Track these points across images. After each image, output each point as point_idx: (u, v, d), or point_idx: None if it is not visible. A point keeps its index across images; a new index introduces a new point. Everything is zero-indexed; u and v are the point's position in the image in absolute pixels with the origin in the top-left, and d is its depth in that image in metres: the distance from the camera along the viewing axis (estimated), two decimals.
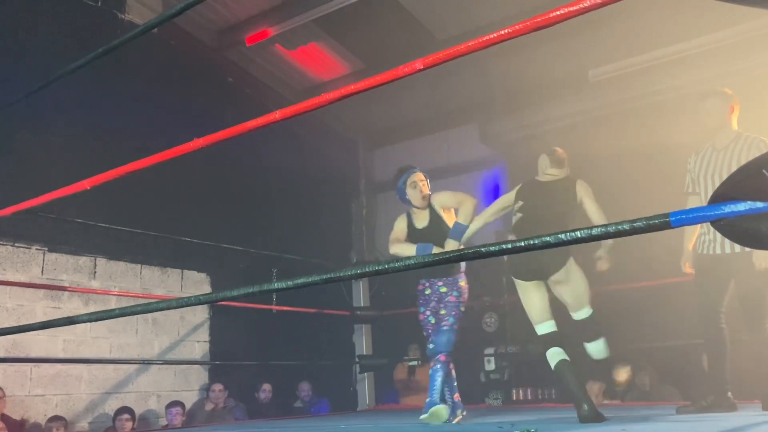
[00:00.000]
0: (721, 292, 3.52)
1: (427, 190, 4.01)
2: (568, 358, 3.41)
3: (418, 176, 4.02)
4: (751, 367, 3.53)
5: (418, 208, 4.01)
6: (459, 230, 3.82)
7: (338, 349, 7.21)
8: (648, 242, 3.85)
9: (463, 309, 3.95)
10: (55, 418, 4.76)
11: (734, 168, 3.36)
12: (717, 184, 3.45)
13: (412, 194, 3.99)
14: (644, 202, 3.87)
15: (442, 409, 3.67)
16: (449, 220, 3.97)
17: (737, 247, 3.38)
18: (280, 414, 5.99)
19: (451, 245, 3.79)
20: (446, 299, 3.94)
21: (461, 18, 5.75)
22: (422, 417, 3.67)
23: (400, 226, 4.07)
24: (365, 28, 6.00)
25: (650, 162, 5.36)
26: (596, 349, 3.65)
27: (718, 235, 3.46)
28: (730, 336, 3.55)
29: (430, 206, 4.02)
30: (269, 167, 6.64)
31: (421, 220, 4.02)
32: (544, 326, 3.53)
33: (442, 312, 3.92)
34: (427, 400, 3.73)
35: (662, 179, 4.68)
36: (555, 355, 3.42)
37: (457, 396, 4.06)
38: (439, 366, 3.76)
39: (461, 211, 3.88)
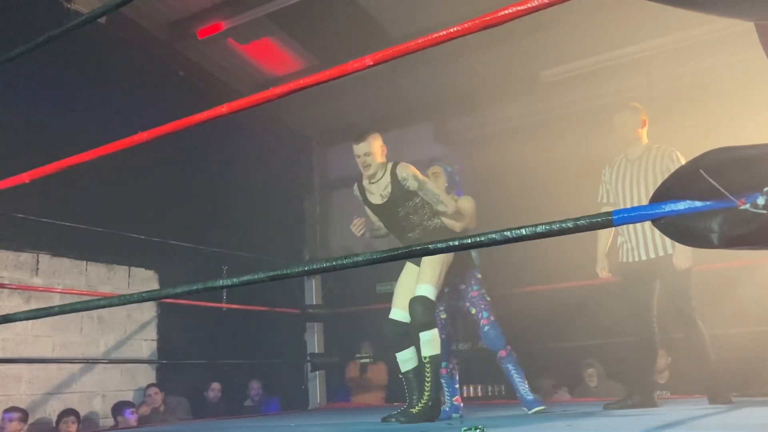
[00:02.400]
0: (650, 295, 3.69)
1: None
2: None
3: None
4: (696, 362, 3.64)
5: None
6: None
7: (289, 347, 7.15)
8: (593, 241, 3.96)
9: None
10: (13, 410, 4.58)
11: (646, 177, 3.65)
12: (632, 193, 3.70)
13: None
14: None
15: None
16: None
17: (660, 251, 3.59)
18: (229, 413, 5.90)
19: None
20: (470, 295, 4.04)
21: (417, 16, 5.75)
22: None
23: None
24: (319, 23, 5.95)
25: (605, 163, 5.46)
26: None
27: (640, 242, 3.66)
28: (666, 334, 3.69)
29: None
30: (221, 163, 6.54)
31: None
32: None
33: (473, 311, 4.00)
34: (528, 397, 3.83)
35: None
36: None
37: (457, 399, 4.07)
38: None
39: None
